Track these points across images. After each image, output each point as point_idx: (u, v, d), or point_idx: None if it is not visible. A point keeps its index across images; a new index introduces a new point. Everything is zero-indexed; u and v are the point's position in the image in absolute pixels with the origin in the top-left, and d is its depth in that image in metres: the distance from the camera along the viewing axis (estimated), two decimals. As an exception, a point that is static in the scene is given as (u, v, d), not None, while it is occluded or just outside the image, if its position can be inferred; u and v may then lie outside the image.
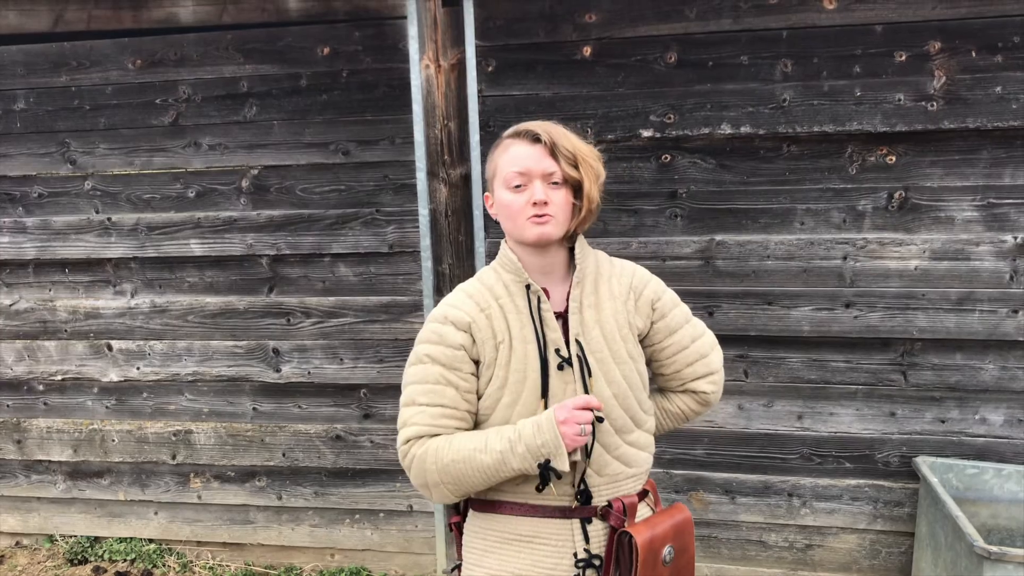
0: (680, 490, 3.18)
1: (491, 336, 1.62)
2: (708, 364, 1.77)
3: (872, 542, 3.09)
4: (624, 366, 1.64)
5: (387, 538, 3.50)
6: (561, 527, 1.63)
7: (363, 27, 3.08)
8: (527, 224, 1.57)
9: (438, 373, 1.61)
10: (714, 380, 1.78)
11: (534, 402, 1.59)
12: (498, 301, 1.64)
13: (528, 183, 1.57)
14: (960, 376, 2.92)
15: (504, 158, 1.60)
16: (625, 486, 1.66)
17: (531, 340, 1.60)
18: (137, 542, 3.70)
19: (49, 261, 3.51)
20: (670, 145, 2.95)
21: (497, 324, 1.62)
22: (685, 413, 1.82)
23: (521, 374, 1.60)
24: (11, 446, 3.72)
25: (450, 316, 1.63)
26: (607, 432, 1.62)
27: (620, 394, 1.63)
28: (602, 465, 1.63)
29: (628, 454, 1.66)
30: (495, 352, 1.61)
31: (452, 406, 1.61)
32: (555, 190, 1.57)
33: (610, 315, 1.65)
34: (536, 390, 1.59)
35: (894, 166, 2.83)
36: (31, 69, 3.33)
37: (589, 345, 1.62)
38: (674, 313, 1.73)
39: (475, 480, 1.58)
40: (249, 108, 3.21)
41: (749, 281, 2.98)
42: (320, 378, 3.39)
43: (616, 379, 1.63)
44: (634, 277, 1.72)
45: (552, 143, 1.55)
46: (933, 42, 2.72)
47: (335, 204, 3.23)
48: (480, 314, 1.62)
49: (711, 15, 2.83)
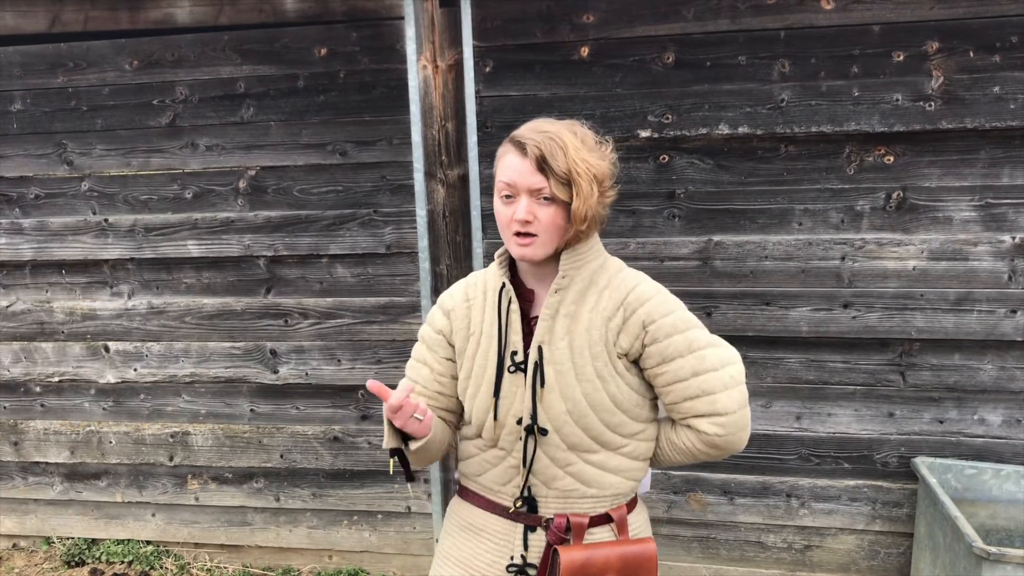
0: (678, 491, 3.18)
1: (466, 327, 1.67)
2: (712, 403, 1.55)
3: (871, 543, 3.09)
4: (587, 384, 1.55)
5: (385, 540, 3.49)
6: (507, 528, 1.65)
7: (360, 28, 3.08)
8: (511, 240, 1.54)
9: (421, 352, 1.74)
10: (719, 423, 1.55)
11: (487, 399, 1.62)
12: (485, 295, 1.67)
13: (516, 196, 1.50)
14: (958, 376, 2.91)
15: (499, 165, 1.55)
16: (580, 505, 1.61)
17: (495, 338, 1.62)
18: (134, 544, 3.69)
19: (46, 262, 3.50)
20: (668, 145, 2.95)
21: (475, 316, 1.66)
22: (691, 451, 1.62)
23: (481, 370, 1.63)
24: (8, 448, 3.71)
25: (441, 300, 1.73)
26: (556, 446, 1.58)
27: (576, 411, 1.56)
28: (550, 478, 1.60)
29: (587, 473, 1.60)
30: (465, 343, 1.67)
31: (423, 384, 1.71)
32: (543, 206, 1.48)
33: (583, 329, 1.56)
34: (490, 388, 1.61)
35: (892, 166, 2.83)
36: (28, 70, 3.32)
37: (552, 355, 1.56)
38: (671, 340, 1.55)
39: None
40: (246, 109, 3.21)
41: (747, 281, 2.97)
42: (318, 379, 3.38)
43: (575, 396, 1.55)
44: (630, 294, 1.58)
45: (540, 158, 1.45)
46: (931, 42, 2.72)
47: (332, 205, 3.23)
48: (464, 303, 1.68)
49: (709, 15, 2.83)
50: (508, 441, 1.62)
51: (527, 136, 1.49)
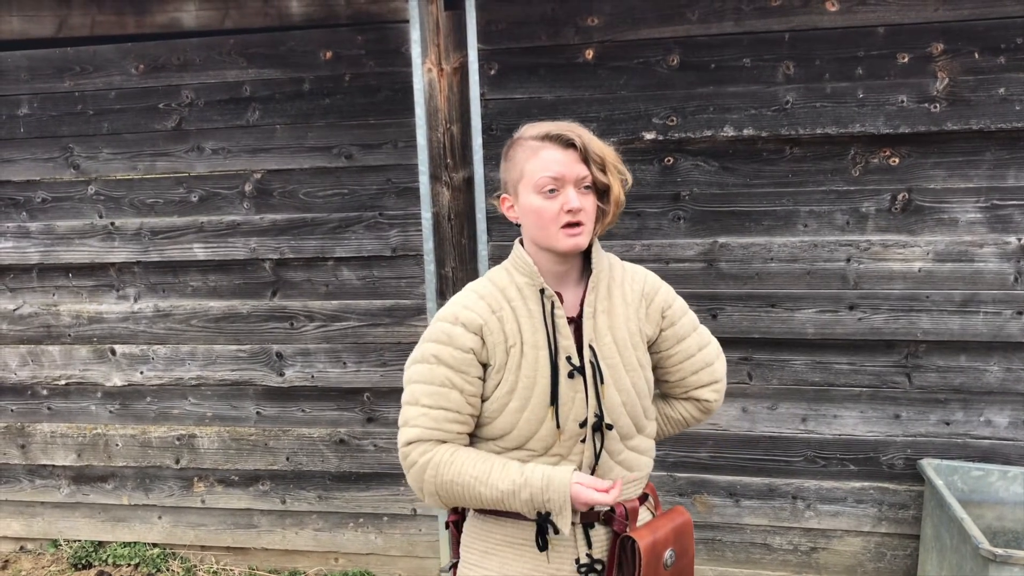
0: (684, 493, 3.18)
1: (503, 340, 1.58)
2: (712, 372, 1.77)
3: (877, 545, 3.08)
4: (634, 373, 1.63)
5: (391, 542, 3.49)
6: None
7: (365, 31, 3.09)
8: (559, 234, 1.53)
9: (444, 375, 1.57)
10: (717, 388, 1.78)
11: (543, 409, 1.57)
12: (511, 304, 1.60)
13: (561, 188, 1.53)
14: (965, 378, 2.91)
15: (534, 162, 1.54)
16: (627, 490, 1.66)
17: (543, 346, 1.58)
18: (141, 546, 3.70)
19: (53, 266, 3.52)
20: (673, 148, 2.95)
21: (509, 327, 1.58)
22: (686, 419, 1.82)
23: (531, 380, 1.57)
24: (15, 451, 3.73)
25: (461, 317, 1.58)
26: (612, 439, 1.61)
27: (628, 402, 1.62)
28: (606, 471, 1.62)
29: (630, 459, 1.66)
30: (506, 356, 1.58)
31: (456, 410, 1.58)
32: (585, 196, 1.54)
33: (622, 322, 1.63)
34: (545, 397, 1.57)
35: (897, 168, 2.82)
36: (35, 74, 3.34)
37: (602, 352, 1.60)
38: (683, 321, 1.72)
39: (469, 503, 1.59)
40: (252, 112, 3.22)
41: (752, 283, 2.97)
42: (323, 382, 3.39)
43: (626, 386, 1.62)
44: (645, 283, 1.70)
45: (584, 148, 1.52)
46: (935, 44, 2.72)
47: (338, 208, 3.24)
48: (492, 316, 1.59)
49: (713, 18, 2.83)
50: (566, 446, 1.59)
51: (564, 130, 1.53)
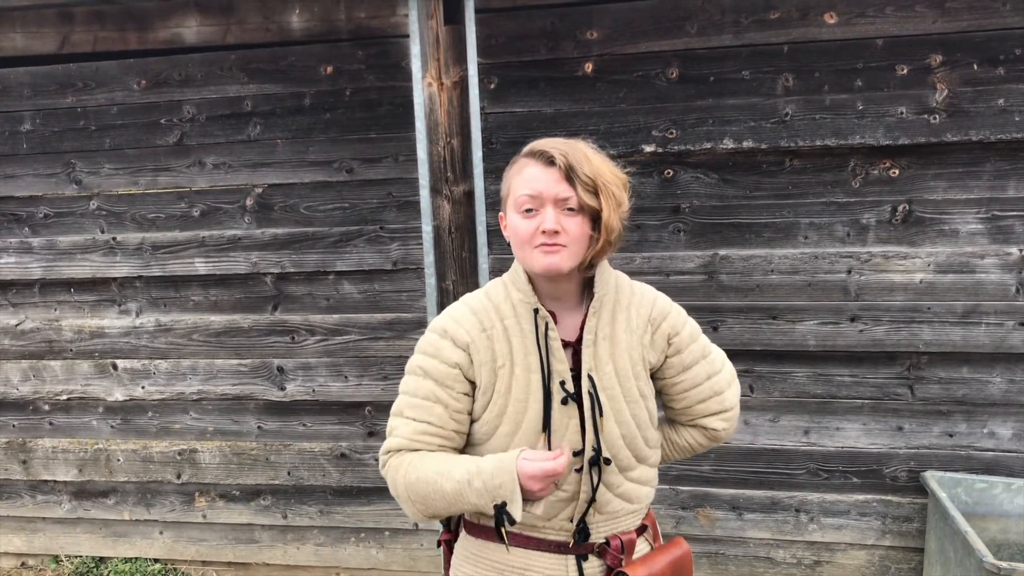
0: (687, 506, 3.16)
1: (490, 359, 1.53)
2: (722, 401, 1.67)
3: (881, 558, 3.06)
4: (634, 405, 1.56)
5: (392, 557, 3.48)
6: (556, 562, 1.56)
7: (366, 46, 3.11)
8: (534, 253, 1.46)
9: (429, 388, 1.56)
10: (727, 417, 1.69)
11: (534, 434, 1.52)
12: (503, 321, 1.54)
13: (539, 208, 1.45)
14: (967, 390, 2.90)
15: (517, 179, 1.48)
16: (624, 522, 1.61)
17: (535, 369, 1.52)
18: (142, 562, 3.68)
19: (55, 281, 3.53)
20: (672, 160, 2.95)
21: (499, 347, 1.53)
22: (692, 447, 1.74)
23: (522, 404, 1.52)
24: (17, 466, 3.72)
25: (450, 331, 1.56)
26: (611, 471, 1.55)
27: (628, 434, 1.56)
28: (604, 503, 1.56)
29: (630, 491, 1.60)
30: (493, 376, 1.53)
31: (438, 424, 1.55)
32: (569, 217, 1.44)
33: (624, 350, 1.55)
34: (537, 423, 1.51)
35: (897, 179, 2.83)
36: (38, 90, 3.36)
37: (601, 382, 1.53)
38: (691, 349, 1.63)
39: (438, 504, 1.52)
40: (253, 127, 3.23)
41: (753, 296, 2.97)
42: (325, 396, 3.39)
43: (625, 418, 1.55)
44: (653, 308, 1.61)
45: (568, 166, 1.42)
46: (934, 55, 2.72)
47: (339, 222, 3.24)
48: (481, 334, 1.54)
49: (712, 30, 2.84)
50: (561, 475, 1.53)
51: (549, 147, 1.45)
